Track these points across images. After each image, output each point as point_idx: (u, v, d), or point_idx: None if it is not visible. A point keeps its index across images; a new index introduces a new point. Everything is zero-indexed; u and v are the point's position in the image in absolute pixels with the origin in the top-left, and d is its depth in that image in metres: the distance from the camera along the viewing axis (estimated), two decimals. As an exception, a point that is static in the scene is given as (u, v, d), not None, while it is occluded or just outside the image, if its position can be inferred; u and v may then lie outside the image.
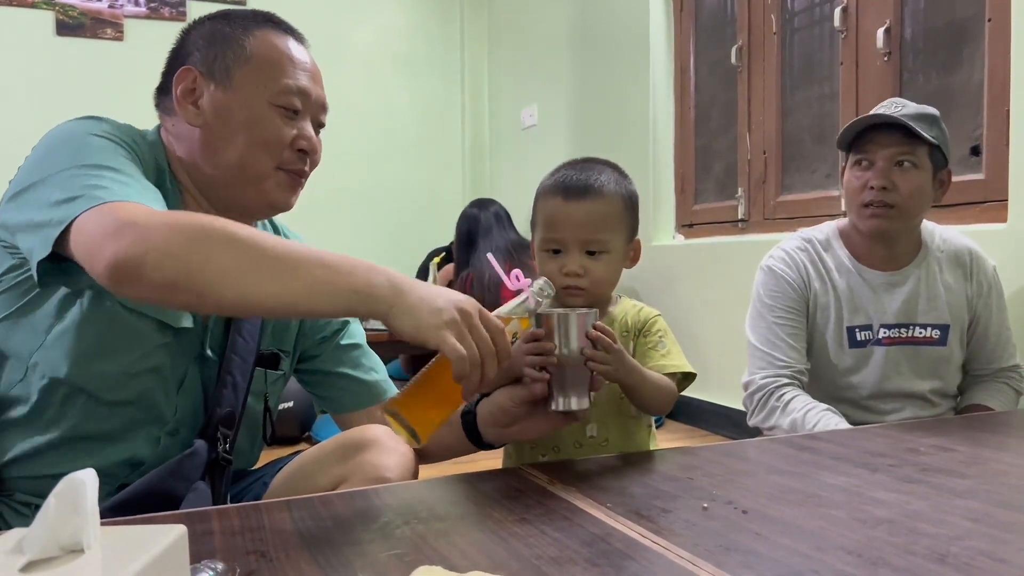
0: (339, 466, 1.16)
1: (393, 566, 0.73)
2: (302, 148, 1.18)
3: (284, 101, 1.16)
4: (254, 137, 1.15)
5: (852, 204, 1.70)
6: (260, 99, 1.15)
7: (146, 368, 1.11)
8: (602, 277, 1.22)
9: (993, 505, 0.90)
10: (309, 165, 1.22)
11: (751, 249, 2.55)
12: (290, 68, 1.18)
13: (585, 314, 1.07)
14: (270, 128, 1.15)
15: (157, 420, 1.14)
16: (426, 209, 5.45)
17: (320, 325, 1.35)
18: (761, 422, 1.69)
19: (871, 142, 1.65)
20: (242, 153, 1.15)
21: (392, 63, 5.44)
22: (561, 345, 1.06)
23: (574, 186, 1.21)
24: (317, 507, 0.93)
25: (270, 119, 1.15)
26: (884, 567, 0.72)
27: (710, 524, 0.85)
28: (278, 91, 1.16)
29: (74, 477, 0.51)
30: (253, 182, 1.17)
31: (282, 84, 1.16)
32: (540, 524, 0.85)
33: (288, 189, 1.20)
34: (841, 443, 1.23)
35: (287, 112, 1.17)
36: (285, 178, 1.19)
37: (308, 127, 1.19)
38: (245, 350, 1.21)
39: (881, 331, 1.72)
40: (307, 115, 1.20)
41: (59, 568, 0.48)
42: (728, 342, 3.05)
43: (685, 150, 3.75)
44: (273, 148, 1.16)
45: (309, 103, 1.20)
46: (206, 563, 0.67)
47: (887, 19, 2.67)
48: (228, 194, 1.18)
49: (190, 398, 1.18)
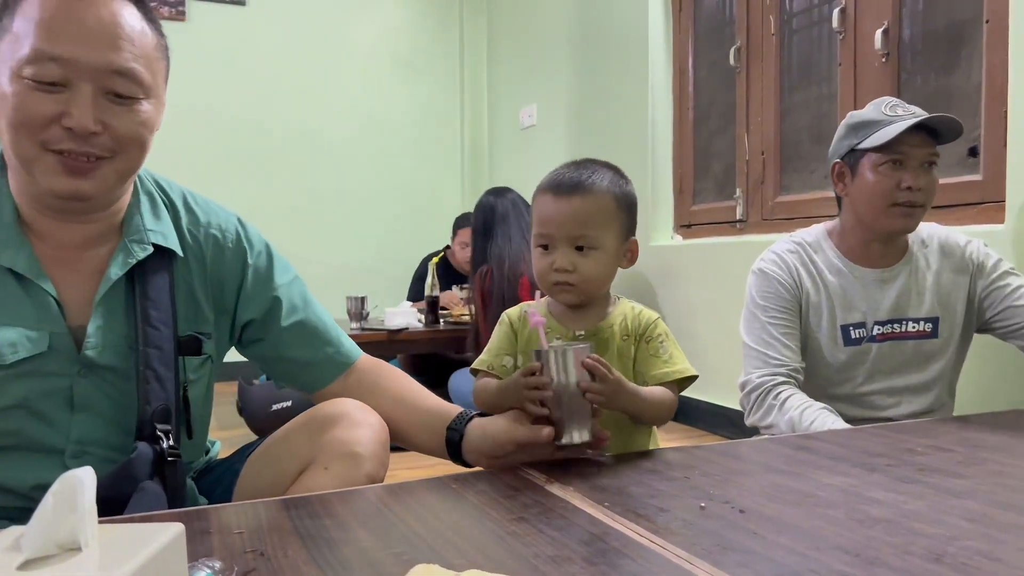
0: (308, 445, 1.13)
1: (391, 564, 0.73)
2: (67, 126, 1.00)
3: (32, 72, 0.98)
4: (7, 117, 1.00)
5: (879, 204, 1.69)
6: (5, 72, 1.00)
7: (3, 407, 1.04)
8: (591, 274, 1.22)
9: (990, 505, 0.90)
10: (109, 144, 1.03)
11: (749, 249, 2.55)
12: (43, 32, 0.98)
13: (581, 348, 1.10)
14: (18, 103, 0.99)
15: (48, 450, 1.07)
16: (425, 209, 5.46)
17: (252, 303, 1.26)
18: (758, 421, 1.70)
19: (905, 143, 1.65)
20: (7, 138, 1.02)
21: (391, 63, 5.45)
22: (557, 379, 1.09)
23: (565, 183, 1.22)
24: (315, 506, 0.93)
25: (19, 94, 0.99)
26: (881, 567, 0.72)
27: (707, 523, 0.85)
28: (24, 60, 0.98)
29: (71, 475, 0.51)
30: (26, 167, 1.03)
31: (27, 52, 0.98)
32: (538, 523, 0.85)
33: (62, 173, 1.02)
34: (839, 443, 1.23)
35: (40, 84, 0.99)
36: (55, 161, 1.01)
37: (80, 101, 1.00)
38: (160, 338, 1.11)
39: (875, 328, 1.74)
40: (82, 85, 1.00)
41: (56, 566, 0.48)
42: (726, 342, 3.05)
43: (684, 150, 3.75)
44: (28, 127, 0.99)
45: (80, 70, 1.00)
46: (203, 561, 0.67)
47: (885, 20, 2.67)
48: (22, 186, 1.07)
49: (91, 414, 1.10)
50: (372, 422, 1.15)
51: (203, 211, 1.24)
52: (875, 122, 1.68)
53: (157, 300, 1.13)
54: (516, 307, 1.33)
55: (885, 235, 1.73)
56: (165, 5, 4.71)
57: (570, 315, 1.28)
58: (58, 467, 1.06)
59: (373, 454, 1.12)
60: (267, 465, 1.20)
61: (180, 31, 4.69)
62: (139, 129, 1.06)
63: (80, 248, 1.11)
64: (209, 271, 1.22)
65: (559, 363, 1.09)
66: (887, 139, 1.64)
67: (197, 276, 1.21)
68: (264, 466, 1.20)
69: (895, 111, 1.67)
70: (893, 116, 1.66)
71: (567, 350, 1.09)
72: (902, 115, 1.66)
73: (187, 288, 1.19)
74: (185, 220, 1.22)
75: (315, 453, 1.12)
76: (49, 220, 1.09)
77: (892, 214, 1.68)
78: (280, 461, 1.17)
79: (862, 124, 1.71)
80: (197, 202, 1.25)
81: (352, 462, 1.10)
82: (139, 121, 1.06)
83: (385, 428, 1.17)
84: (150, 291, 1.13)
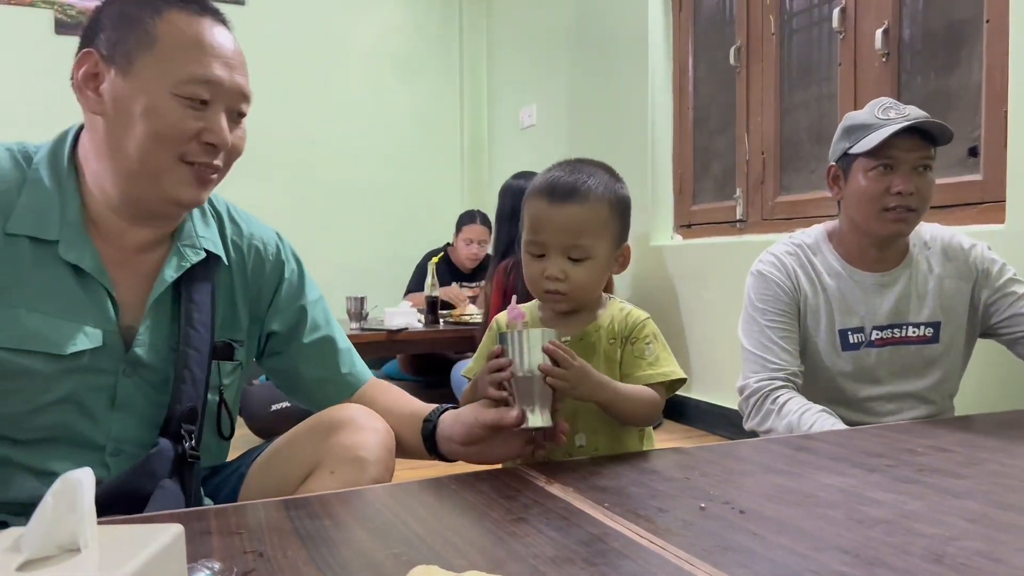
0: (314, 449, 1.14)
1: (391, 565, 0.73)
2: (209, 141, 1.09)
3: (188, 91, 1.07)
4: (153, 129, 1.07)
5: (869, 208, 1.68)
6: (161, 89, 1.06)
7: (52, 401, 1.07)
8: (583, 283, 1.21)
9: (990, 506, 0.90)
10: (224, 158, 1.14)
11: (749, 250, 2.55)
12: (196, 55, 1.08)
13: (542, 332, 1.09)
14: (169, 119, 1.07)
15: (89, 446, 1.10)
16: (425, 209, 5.45)
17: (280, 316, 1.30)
18: (757, 425, 1.69)
19: (895, 147, 1.63)
20: (141, 145, 1.07)
21: (391, 63, 5.45)
22: (519, 362, 1.07)
23: (560, 189, 1.19)
24: (315, 506, 0.93)
25: (171, 110, 1.07)
26: (881, 567, 0.72)
27: (707, 524, 0.85)
28: (181, 80, 1.07)
29: (71, 476, 0.51)
30: (153, 176, 1.09)
31: (186, 73, 1.07)
32: (538, 524, 0.85)
33: (193, 184, 1.11)
34: (838, 443, 1.23)
35: (191, 103, 1.08)
36: (188, 172, 1.10)
37: (219, 119, 1.10)
38: (199, 341, 1.16)
39: (873, 333, 1.72)
40: (219, 105, 1.10)
41: (56, 567, 0.48)
42: (726, 343, 3.05)
43: (684, 150, 3.75)
44: (174, 141, 1.08)
45: (221, 92, 1.10)
46: (203, 562, 0.67)
47: (886, 20, 2.67)
48: (131, 190, 1.11)
49: (128, 415, 1.13)
50: (378, 427, 1.15)
51: (245, 223, 1.31)
52: (867, 126, 1.67)
53: (200, 304, 1.18)
54: (504, 312, 1.32)
55: (879, 239, 1.71)
56: (165, 5, 4.71)
57: (558, 319, 1.27)
58: (98, 463, 1.10)
59: (379, 459, 1.12)
60: (273, 468, 1.21)
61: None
62: (241, 144, 1.17)
63: (138, 251, 1.16)
64: (250, 280, 1.28)
65: (518, 345, 1.08)
66: (875, 144, 1.64)
67: (238, 284, 1.26)
68: (270, 469, 1.21)
69: (887, 114, 1.66)
70: (884, 120, 1.64)
71: (525, 332, 1.08)
72: (894, 118, 1.64)
73: (228, 295, 1.25)
74: (230, 230, 1.28)
75: (321, 457, 1.13)
76: (119, 222, 1.13)
77: (884, 219, 1.67)
78: (286, 465, 1.18)
79: (855, 127, 1.70)
80: (240, 214, 1.31)
81: (358, 466, 1.10)
82: (242, 137, 1.17)
83: (391, 433, 1.17)
84: (195, 294, 1.18)
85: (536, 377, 1.07)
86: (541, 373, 1.07)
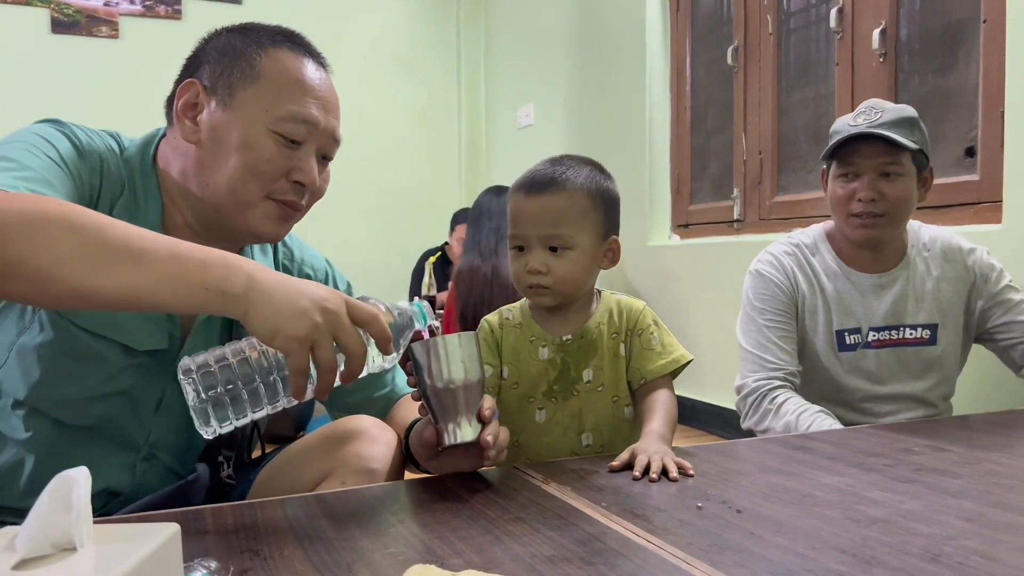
0: (325, 459, 1.14)
1: (387, 564, 0.73)
2: (298, 180, 1.11)
3: (285, 129, 1.09)
4: (246, 162, 1.08)
5: (839, 213, 1.71)
6: (259, 123, 1.08)
7: (112, 391, 1.07)
8: (566, 275, 1.19)
9: (986, 505, 0.90)
10: (308, 197, 1.15)
11: (747, 249, 2.55)
12: (297, 94, 1.10)
13: (458, 337, 1.00)
14: (265, 155, 1.08)
15: (128, 446, 1.10)
16: (422, 208, 5.45)
17: None
18: (754, 425, 1.69)
19: (855, 154, 1.65)
20: (231, 177, 1.08)
21: (388, 62, 5.44)
22: (429, 373, 0.99)
23: (537, 180, 1.19)
24: (311, 505, 0.93)
25: (266, 146, 1.08)
26: (878, 566, 0.72)
27: (704, 523, 0.85)
28: (280, 118, 1.08)
29: (66, 475, 0.51)
30: (239, 208, 1.10)
31: (286, 111, 1.09)
32: (535, 523, 0.85)
33: (276, 220, 1.12)
34: (835, 443, 1.23)
35: (286, 141, 1.09)
36: (274, 208, 1.11)
37: (310, 159, 1.12)
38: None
39: (870, 334, 1.72)
40: (311, 146, 1.12)
41: (52, 566, 0.48)
42: (723, 342, 3.04)
43: (681, 150, 3.75)
44: (265, 176, 1.09)
45: (315, 133, 1.12)
46: (199, 561, 0.67)
47: (883, 20, 2.67)
48: (215, 217, 1.12)
49: (168, 420, 1.13)
50: (389, 440, 1.15)
51: (297, 248, 1.33)
52: (837, 132, 1.70)
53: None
54: (495, 313, 1.31)
55: (857, 244, 1.73)
56: (161, 4, 4.70)
57: (552, 318, 1.26)
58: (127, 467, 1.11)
59: (389, 471, 1.12)
60: (283, 477, 1.20)
61: (176, 29, 4.69)
62: (324, 187, 1.18)
63: None
64: None
65: (425, 357, 0.99)
66: (831, 151, 1.67)
67: None
68: (280, 477, 1.20)
69: (856, 120, 1.67)
70: (854, 125, 1.66)
71: (429, 342, 0.99)
72: (860, 124, 1.64)
73: None
74: (282, 254, 1.30)
75: (332, 467, 1.12)
76: (191, 236, 1.11)
77: (852, 224, 1.68)
78: (296, 473, 1.17)
79: (833, 132, 1.72)
80: (292, 238, 1.33)
81: (368, 477, 1.10)
82: (327, 180, 1.19)
83: (401, 447, 1.17)
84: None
85: (447, 389, 0.99)
86: (462, 383, 0.99)
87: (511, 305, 1.30)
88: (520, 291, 1.25)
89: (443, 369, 0.99)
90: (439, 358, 0.99)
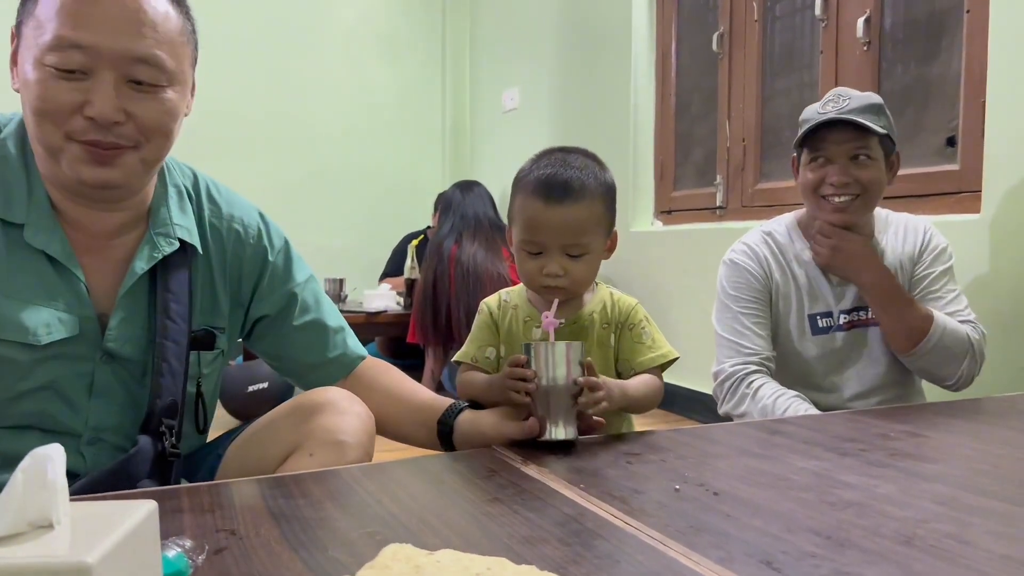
0: (293, 432, 1.13)
1: (364, 544, 0.73)
2: (89, 115, 0.98)
3: (52, 60, 0.96)
4: (30, 104, 0.99)
5: (811, 199, 1.74)
6: (32, 58, 0.97)
7: (32, 388, 1.05)
8: (583, 277, 1.22)
9: (960, 489, 0.91)
10: (134, 133, 1.02)
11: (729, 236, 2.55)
12: (64, 17, 0.96)
13: (571, 345, 1.10)
14: (41, 92, 0.97)
15: (68, 434, 1.07)
16: (405, 191, 5.43)
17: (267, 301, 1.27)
18: (732, 410, 1.71)
19: (826, 140, 1.68)
20: (31, 124, 1.00)
21: (373, 42, 5.40)
22: (546, 374, 1.09)
23: (555, 188, 1.18)
24: (288, 485, 0.93)
25: (40, 80, 0.97)
26: (852, 548, 0.73)
27: (681, 505, 0.85)
28: (47, 47, 0.96)
29: (40, 452, 0.50)
30: (51, 156, 1.02)
31: (52, 38, 0.96)
32: (513, 504, 0.85)
33: (89, 163, 1.01)
34: (812, 428, 1.24)
35: (62, 72, 0.97)
36: (80, 150, 1.00)
37: (103, 89, 0.98)
38: (177, 332, 1.12)
39: (841, 317, 1.77)
40: (105, 73, 0.98)
41: (28, 544, 0.47)
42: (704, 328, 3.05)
43: (665, 136, 3.75)
44: (52, 116, 0.98)
45: (102, 59, 0.97)
46: (174, 540, 0.67)
47: (867, 9, 2.68)
48: (46, 172, 1.05)
49: (105, 403, 1.10)
50: (359, 411, 1.14)
51: (226, 203, 1.25)
52: (806, 120, 1.72)
53: (178, 294, 1.14)
54: (494, 296, 1.32)
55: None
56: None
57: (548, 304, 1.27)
58: (73, 452, 1.07)
59: (359, 443, 1.11)
60: (251, 450, 1.19)
61: None
62: (163, 118, 1.04)
63: (108, 236, 1.12)
64: (228, 265, 1.23)
65: (547, 358, 1.09)
66: (801, 138, 1.69)
67: (217, 270, 1.22)
68: (248, 451, 1.19)
69: (825, 107, 1.69)
70: (823, 113, 1.68)
71: (557, 345, 1.10)
72: (829, 111, 1.67)
73: (207, 281, 1.21)
74: (208, 211, 1.22)
75: (300, 439, 1.12)
76: (78, 207, 1.09)
77: (825, 208, 1.71)
78: (265, 446, 1.16)
79: (803, 120, 1.74)
80: (220, 192, 1.26)
81: (337, 449, 1.09)
82: (163, 110, 1.04)
83: (371, 417, 1.16)
84: (171, 284, 1.13)
85: (559, 389, 1.08)
86: (565, 385, 1.08)
87: (510, 288, 1.32)
88: (531, 288, 1.26)
89: (551, 370, 1.09)
90: (551, 360, 1.09)
